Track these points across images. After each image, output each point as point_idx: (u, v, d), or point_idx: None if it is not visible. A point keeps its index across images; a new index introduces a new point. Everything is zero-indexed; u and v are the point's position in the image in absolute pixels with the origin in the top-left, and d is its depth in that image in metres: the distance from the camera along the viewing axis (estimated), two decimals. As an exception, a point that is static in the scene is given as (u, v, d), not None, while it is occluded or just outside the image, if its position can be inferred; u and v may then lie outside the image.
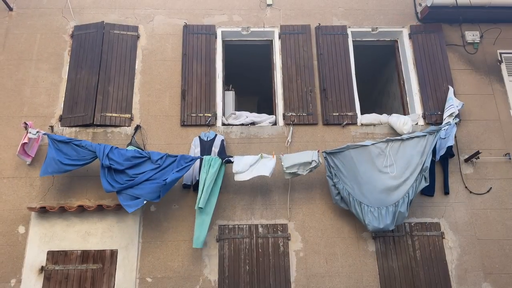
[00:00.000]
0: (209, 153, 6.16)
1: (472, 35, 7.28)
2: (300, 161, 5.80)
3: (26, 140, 5.93)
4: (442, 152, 6.12)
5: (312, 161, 5.78)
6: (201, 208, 5.62)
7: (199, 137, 6.39)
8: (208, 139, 6.32)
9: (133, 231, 5.96)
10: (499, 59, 7.21)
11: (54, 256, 5.76)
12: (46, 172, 5.76)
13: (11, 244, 5.84)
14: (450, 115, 6.44)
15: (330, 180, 6.00)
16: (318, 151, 5.95)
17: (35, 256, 5.76)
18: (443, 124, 6.38)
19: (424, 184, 5.78)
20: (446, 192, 6.33)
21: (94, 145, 5.85)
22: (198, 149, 6.26)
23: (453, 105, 6.51)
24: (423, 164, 5.81)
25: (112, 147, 5.87)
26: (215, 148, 6.22)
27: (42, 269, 5.69)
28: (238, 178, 5.84)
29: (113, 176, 5.72)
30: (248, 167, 5.86)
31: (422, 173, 5.79)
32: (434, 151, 6.12)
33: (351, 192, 5.87)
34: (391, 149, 5.97)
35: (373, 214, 5.74)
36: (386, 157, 5.95)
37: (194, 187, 6.13)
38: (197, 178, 6.02)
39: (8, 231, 5.90)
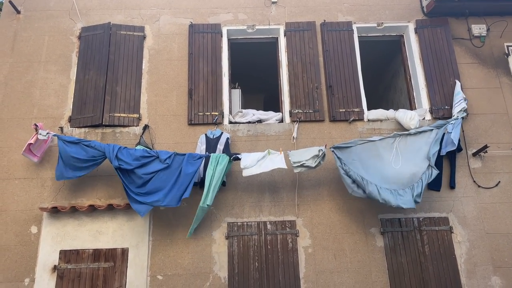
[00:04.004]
0: (214, 150, 6.21)
1: (478, 29, 7.24)
2: (307, 157, 5.82)
3: (32, 141, 6.02)
4: (450, 148, 6.06)
5: (319, 150, 5.80)
6: (209, 205, 5.66)
7: (206, 134, 6.44)
8: (214, 137, 6.37)
9: (143, 230, 6.03)
10: (506, 52, 7.16)
11: (67, 255, 5.85)
12: (62, 177, 5.88)
13: (24, 244, 5.94)
14: (461, 110, 6.40)
15: (341, 169, 5.85)
16: (325, 146, 5.97)
17: (47, 255, 5.86)
18: (452, 118, 6.35)
19: (435, 172, 5.68)
20: (452, 186, 6.32)
21: (103, 145, 5.92)
22: (204, 146, 6.32)
23: (462, 99, 6.48)
24: (429, 154, 5.79)
25: (120, 147, 5.93)
26: (220, 146, 6.28)
27: (55, 268, 5.79)
28: (246, 173, 5.83)
29: (126, 177, 5.78)
30: (256, 162, 5.88)
31: (429, 163, 5.75)
32: (440, 144, 6.10)
33: (364, 176, 5.76)
34: (399, 144, 5.97)
35: (391, 192, 5.63)
36: (394, 151, 5.95)
37: (200, 184, 6.16)
38: (201, 176, 6.06)
39: (20, 231, 6.01)
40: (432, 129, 5.96)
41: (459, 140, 6.41)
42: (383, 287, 5.87)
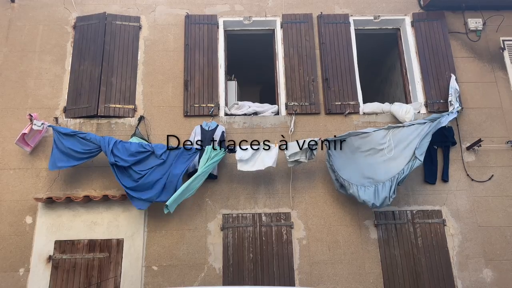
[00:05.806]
0: (209, 143, 6.21)
1: (475, 23, 7.24)
2: (301, 152, 5.88)
3: (26, 131, 6.00)
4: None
5: (313, 145, 5.86)
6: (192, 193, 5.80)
7: (201, 126, 6.43)
8: (210, 129, 6.37)
9: (138, 221, 6.05)
10: (502, 46, 7.18)
11: (62, 246, 5.87)
12: (55, 167, 5.85)
13: (19, 234, 5.94)
14: (453, 105, 6.45)
15: (328, 164, 6.08)
16: (320, 139, 6.01)
17: (42, 245, 5.87)
18: (447, 112, 6.37)
19: (418, 162, 5.74)
20: (444, 179, 6.37)
21: (98, 138, 5.90)
22: (199, 137, 6.30)
23: (451, 93, 6.53)
24: (418, 144, 5.83)
25: (116, 141, 5.92)
26: (215, 138, 6.27)
27: (50, 258, 5.80)
28: (241, 167, 5.92)
29: (123, 172, 5.79)
30: (250, 155, 5.94)
31: (414, 152, 5.80)
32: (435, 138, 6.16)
33: (346, 178, 5.93)
34: (392, 136, 6.01)
35: (369, 190, 5.77)
36: (387, 143, 5.99)
37: (189, 174, 6.19)
38: (196, 167, 6.08)
39: (15, 221, 6.00)
40: (425, 122, 6.00)
41: (453, 134, 6.50)
42: (376, 278, 5.93)
